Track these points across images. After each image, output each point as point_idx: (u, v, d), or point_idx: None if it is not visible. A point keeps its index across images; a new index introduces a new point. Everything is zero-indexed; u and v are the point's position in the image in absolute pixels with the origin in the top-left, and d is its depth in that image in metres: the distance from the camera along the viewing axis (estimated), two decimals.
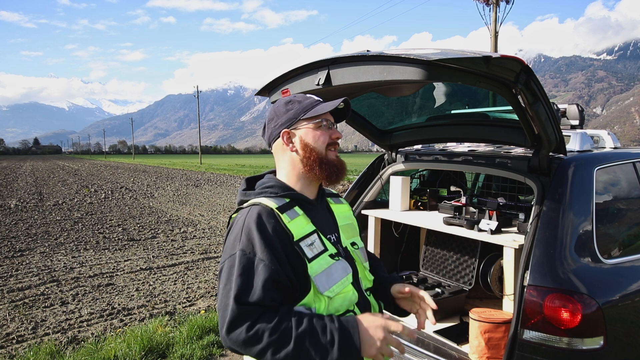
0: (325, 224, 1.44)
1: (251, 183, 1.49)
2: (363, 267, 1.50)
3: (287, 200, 1.38)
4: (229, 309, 1.20)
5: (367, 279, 1.51)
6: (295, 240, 1.29)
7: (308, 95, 1.47)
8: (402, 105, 3.08)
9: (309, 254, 1.29)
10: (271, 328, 1.17)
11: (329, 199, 1.57)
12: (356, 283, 1.41)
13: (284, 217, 1.30)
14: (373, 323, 1.23)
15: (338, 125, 1.53)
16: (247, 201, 1.40)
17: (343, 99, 1.43)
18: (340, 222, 1.52)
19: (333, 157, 1.42)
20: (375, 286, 1.58)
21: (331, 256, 1.34)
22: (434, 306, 1.46)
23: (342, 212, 1.57)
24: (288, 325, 1.18)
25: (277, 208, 1.32)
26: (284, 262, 1.25)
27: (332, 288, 1.30)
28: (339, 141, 1.46)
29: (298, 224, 1.32)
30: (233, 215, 1.40)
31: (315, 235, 1.34)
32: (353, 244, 1.51)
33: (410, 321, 2.73)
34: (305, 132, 1.41)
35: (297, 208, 1.36)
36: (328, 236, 1.40)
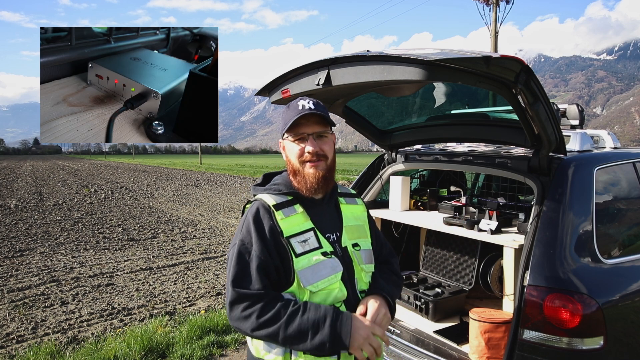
0: (327, 223, 1.51)
1: (267, 178, 1.61)
2: (360, 268, 1.51)
3: (290, 197, 1.49)
4: (229, 292, 1.38)
5: (363, 281, 1.52)
6: (285, 236, 1.40)
7: (299, 102, 1.49)
8: (402, 105, 3.08)
9: (298, 250, 1.39)
10: (261, 307, 1.33)
11: (341, 198, 1.62)
12: (349, 282, 1.46)
13: (278, 214, 1.43)
14: (364, 322, 1.37)
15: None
16: (255, 195, 1.55)
17: (299, 116, 1.44)
18: (346, 222, 1.56)
19: (309, 170, 1.47)
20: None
21: (324, 254, 1.42)
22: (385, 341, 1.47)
23: (352, 212, 1.61)
24: (278, 307, 1.33)
25: (273, 205, 1.45)
26: (274, 253, 1.39)
27: (316, 283, 1.38)
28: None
29: (292, 221, 1.44)
30: (247, 207, 1.55)
31: (311, 232, 1.44)
32: (355, 245, 1.53)
33: (409, 321, 2.73)
34: (287, 144, 1.53)
35: (297, 206, 1.48)
36: (327, 235, 1.48)
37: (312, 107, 1.47)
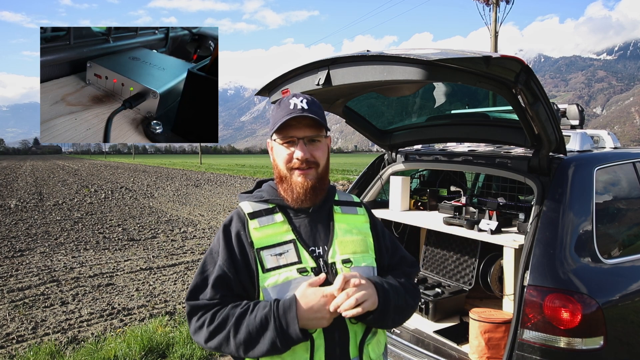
0: (314, 235, 1.34)
1: (259, 185, 1.49)
2: None
3: (272, 205, 1.37)
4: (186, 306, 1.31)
5: None
6: (256, 247, 1.28)
7: (292, 100, 1.32)
8: (402, 105, 3.08)
9: (269, 264, 1.26)
10: (211, 314, 1.24)
11: (337, 207, 1.42)
12: None
13: (252, 223, 1.32)
14: (313, 293, 1.20)
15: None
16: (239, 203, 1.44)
17: (289, 117, 1.28)
18: (340, 234, 1.36)
19: (297, 179, 1.32)
20: None
21: (301, 270, 1.26)
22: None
23: (348, 223, 1.40)
24: (227, 310, 1.24)
25: (249, 213, 1.34)
26: (240, 266, 1.28)
27: None
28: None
29: (267, 232, 1.31)
30: None
31: (290, 245, 1.29)
32: (347, 261, 1.31)
33: (409, 321, 2.73)
34: (275, 147, 1.37)
35: (278, 215, 1.35)
36: (311, 248, 1.31)
37: (306, 106, 1.30)
